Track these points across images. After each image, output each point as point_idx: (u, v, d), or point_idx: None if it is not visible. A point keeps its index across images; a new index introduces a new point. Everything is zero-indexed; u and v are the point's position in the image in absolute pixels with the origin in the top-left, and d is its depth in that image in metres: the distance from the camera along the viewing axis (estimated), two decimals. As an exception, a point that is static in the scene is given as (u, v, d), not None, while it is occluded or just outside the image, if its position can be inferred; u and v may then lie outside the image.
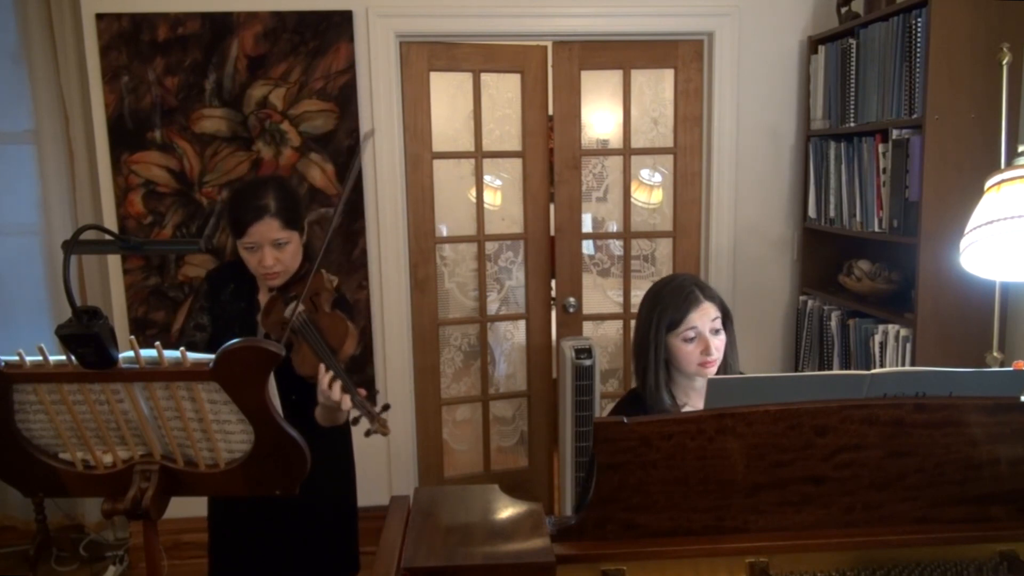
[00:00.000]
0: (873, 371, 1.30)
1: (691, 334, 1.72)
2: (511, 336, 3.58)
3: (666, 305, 1.74)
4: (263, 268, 1.85)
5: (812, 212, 3.15)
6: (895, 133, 2.54)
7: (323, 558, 2.03)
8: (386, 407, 1.72)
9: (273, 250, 1.84)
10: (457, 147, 3.30)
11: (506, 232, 3.42)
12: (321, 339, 1.72)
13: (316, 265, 1.78)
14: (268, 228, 1.82)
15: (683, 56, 3.25)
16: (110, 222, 3.03)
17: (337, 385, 1.67)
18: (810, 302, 3.20)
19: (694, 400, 1.78)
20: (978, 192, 1.82)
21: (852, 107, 2.83)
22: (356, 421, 1.72)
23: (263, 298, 1.95)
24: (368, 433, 1.70)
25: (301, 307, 1.74)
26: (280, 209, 1.84)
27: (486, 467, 3.51)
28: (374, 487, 3.10)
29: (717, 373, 1.77)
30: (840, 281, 2.99)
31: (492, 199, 3.43)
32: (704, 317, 1.72)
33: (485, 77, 3.25)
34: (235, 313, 1.95)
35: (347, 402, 1.67)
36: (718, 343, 1.74)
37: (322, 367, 1.69)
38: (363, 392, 1.70)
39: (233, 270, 2.00)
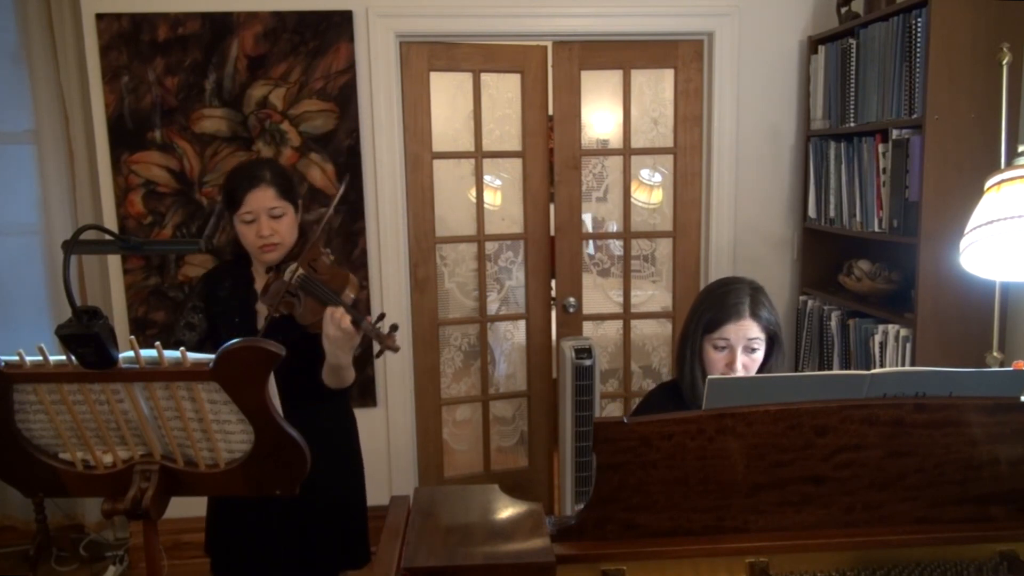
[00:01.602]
0: (873, 371, 1.30)
1: (721, 343, 1.71)
2: (511, 336, 3.58)
3: (710, 306, 1.74)
4: (261, 239, 1.88)
5: (812, 212, 3.15)
6: (895, 133, 2.54)
7: (325, 552, 2.03)
8: (394, 327, 1.77)
9: (270, 220, 1.88)
10: (457, 147, 3.30)
11: (506, 232, 3.41)
12: (324, 286, 1.79)
13: (317, 234, 1.86)
14: (264, 196, 1.87)
15: (683, 56, 3.25)
16: (110, 222, 3.03)
17: (347, 318, 1.72)
18: (810, 302, 3.19)
19: None
20: (978, 192, 1.82)
21: (852, 107, 2.83)
22: (379, 354, 1.78)
23: (260, 285, 1.98)
24: (378, 354, 1.78)
25: (300, 270, 1.82)
26: (275, 178, 1.90)
27: (486, 467, 3.51)
28: (374, 487, 3.07)
29: None
30: (840, 281, 2.99)
31: (492, 199, 3.43)
32: (739, 333, 1.70)
33: (485, 77, 3.25)
34: (235, 305, 1.98)
35: (346, 322, 1.71)
36: (747, 361, 1.71)
37: (329, 309, 1.74)
38: (370, 320, 1.76)
39: (229, 269, 2.04)
